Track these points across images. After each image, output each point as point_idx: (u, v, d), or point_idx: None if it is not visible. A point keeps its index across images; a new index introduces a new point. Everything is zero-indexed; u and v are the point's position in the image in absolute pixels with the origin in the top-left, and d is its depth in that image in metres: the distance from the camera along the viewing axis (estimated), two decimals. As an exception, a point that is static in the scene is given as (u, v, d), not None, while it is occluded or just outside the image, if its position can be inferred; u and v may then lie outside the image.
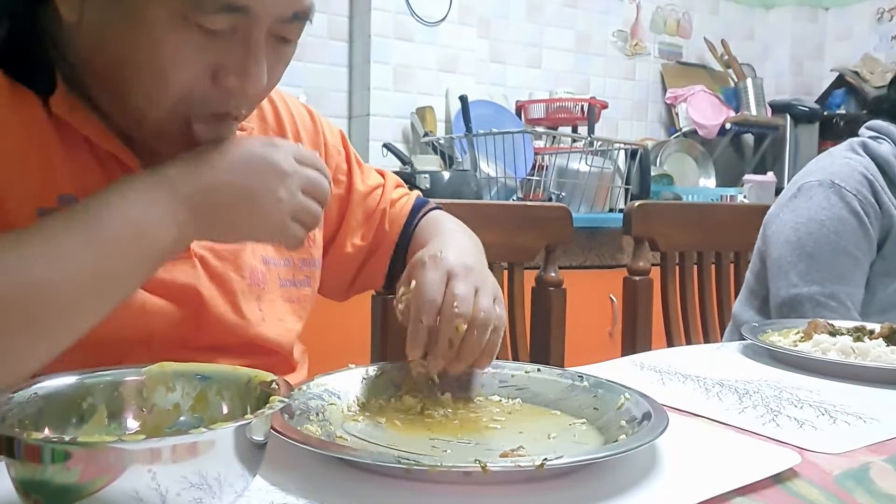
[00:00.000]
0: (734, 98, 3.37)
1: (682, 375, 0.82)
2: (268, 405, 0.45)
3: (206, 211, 0.64)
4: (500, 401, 0.70)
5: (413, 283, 0.70)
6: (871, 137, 1.34)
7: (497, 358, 0.71)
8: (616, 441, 0.57)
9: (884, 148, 1.31)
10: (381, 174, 1.00)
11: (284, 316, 0.84)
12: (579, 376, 0.69)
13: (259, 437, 0.44)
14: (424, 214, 0.97)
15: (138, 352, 0.68)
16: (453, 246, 0.78)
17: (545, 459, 0.48)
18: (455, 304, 0.67)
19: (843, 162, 1.30)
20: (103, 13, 0.64)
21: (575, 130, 2.84)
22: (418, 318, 0.67)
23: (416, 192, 1.03)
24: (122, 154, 0.71)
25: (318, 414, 0.62)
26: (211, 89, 0.65)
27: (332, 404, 0.65)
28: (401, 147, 2.51)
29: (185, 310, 0.73)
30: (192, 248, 0.75)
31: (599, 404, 0.65)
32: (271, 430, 0.51)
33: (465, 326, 0.66)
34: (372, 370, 0.71)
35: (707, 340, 1.50)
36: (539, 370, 0.72)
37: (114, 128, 0.71)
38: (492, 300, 0.70)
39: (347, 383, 0.69)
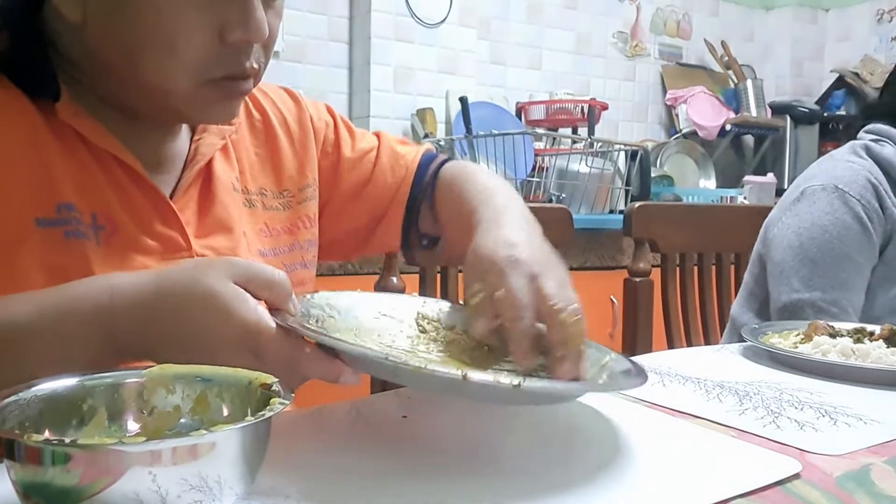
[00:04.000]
0: (734, 99, 3.38)
1: (682, 377, 0.82)
2: (268, 407, 0.45)
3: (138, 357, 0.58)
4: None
5: (499, 290, 0.65)
6: (872, 140, 1.34)
7: None
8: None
9: (887, 150, 1.30)
10: (377, 136, 0.98)
11: None
12: None
13: (260, 440, 0.44)
14: (439, 168, 0.93)
15: None
16: (515, 230, 0.74)
17: (522, 379, 0.49)
18: (552, 302, 0.64)
19: (847, 166, 1.29)
20: (104, 3, 0.66)
21: (575, 132, 2.84)
22: (518, 325, 0.62)
23: (425, 147, 0.99)
24: (124, 156, 0.71)
25: (317, 321, 0.64)
26: (221, 49, 0.67)
27: (331, 317, 0.66)
28: (401, 148, 2.50)
29: None
30: (193, 248, 0.75)
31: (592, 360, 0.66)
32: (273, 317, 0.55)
33: (569, 318, 0.64)
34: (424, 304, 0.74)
35: (708, 342, 1.50)
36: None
37: (118, 131, 0.71)
38: (568, 284, 0.69)
39: (351, 302, 0.70)
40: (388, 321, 0.71)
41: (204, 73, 0.68)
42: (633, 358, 0.69)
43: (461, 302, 0.73)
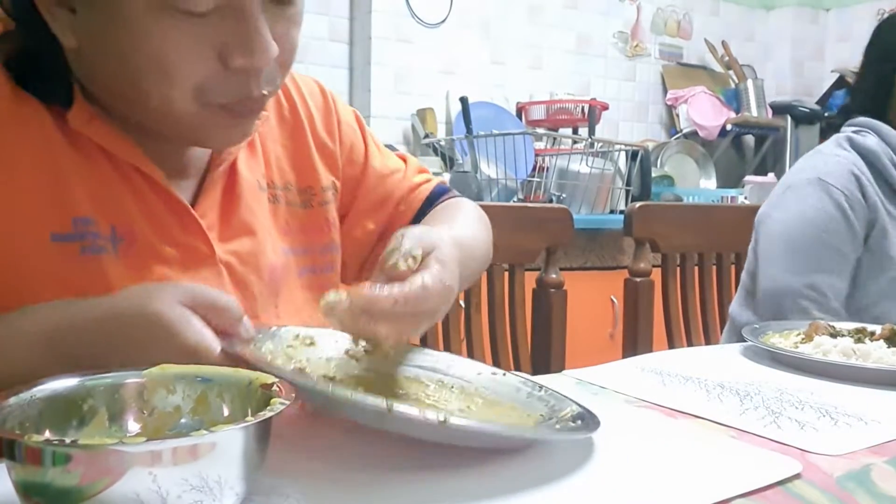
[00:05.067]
0: (735, 99, 3.38)
1: (682, 377, 0.82)
2: (269, 407, 0.45)
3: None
4: (455, 391, 0.69)
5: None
6: (854, 132, 1.36)
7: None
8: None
9: (869, 140, 1.33)
10: (403, 159, 0.97)
11: (303, 307, 0.82)
12: (539, 387, 0.68)
13: (260, 440, 0.44)
14: (443, 201, 0.93)
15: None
16: (447, 228, 0.74)
17: (448, 416, 0.48)
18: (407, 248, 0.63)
19: (831, 159, 1.33)
20: (95, 30, 0.62)
21: (575, 132, 2.84)
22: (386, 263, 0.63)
23: (439, 179, 0.99)
24: (145, 166, 0.69)
25: (270, 351, 0.63)
26: (225, 75, 0.62)
27: (290, 346, 0.66)
28: (401, 149, 2.51)
29: None
30: (217, 255, 0.73)
31: (546, 411, 0.64)
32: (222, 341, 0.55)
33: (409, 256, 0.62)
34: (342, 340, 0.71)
35: (708, 342, 1.50)
36: (504, 374, 0.71)
37: (136, 139, 0.69)
38: (444, 269, 0.65)
39: (321, 337, 0.69)
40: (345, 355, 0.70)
41: (208, 99, 0.64)
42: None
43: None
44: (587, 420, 0.58)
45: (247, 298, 0.75)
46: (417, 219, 0.92)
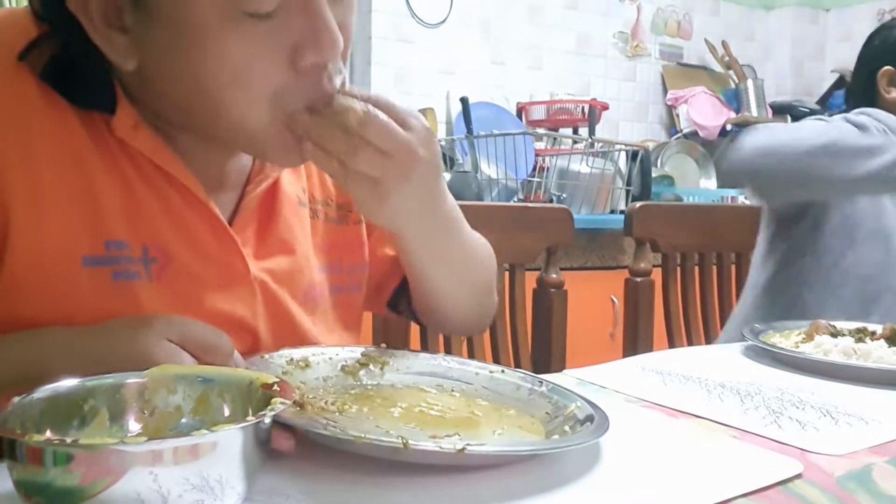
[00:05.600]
0: (735, 99, 3.37)
1: (683, 377, 0.82)
2: (269, 407, 0.45)
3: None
4: (457, 395, 0.69)
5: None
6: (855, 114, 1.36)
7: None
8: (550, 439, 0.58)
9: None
10: None
11: (334, 326, 0.80)
12: (539, 382, 0.68)
13: (261, 439, 0.44)
14: None
15: None
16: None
17: (467, 445, 0.48)
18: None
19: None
20: (158, 47, 0.59)
21: (576, 132, 2.84)
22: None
23: None
24: (186, 179, 0.66)
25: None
26: (297, 78, 0.60)
27: (286, 373, 0.66)
28: (401, 149, 2.50)
29: (240, 343, 0.67)
30: (252, 273, 0.70)
31: (551, 408, 0.64)
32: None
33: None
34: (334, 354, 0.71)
35: (708, 341, 1.50)
36: (503, 371, 0.71)
37: (178, 147, 0.66)
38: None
39: (314, 359, 0.69)
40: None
41: (284, 106, 0.60)
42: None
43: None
44: (598, 421, 0.58)
45: (280, 316, 0.73)
46: None
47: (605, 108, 2.84)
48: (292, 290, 0.74)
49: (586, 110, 2.77)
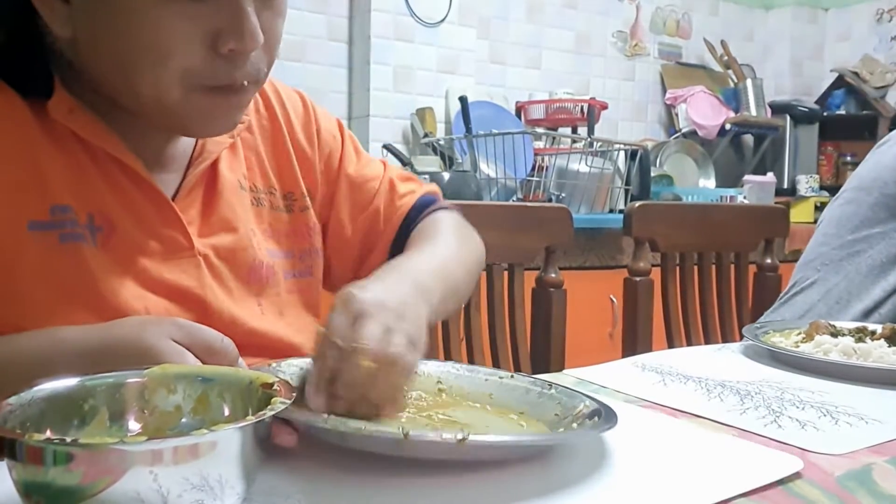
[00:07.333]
0: (734, 99, 3.37)
1: (683, 376, 0.82)
2: (269, 407, 0.45)
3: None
4: (468, 403, 0.68)
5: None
6: None
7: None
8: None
9: None
10: (383, 164, 0.97)
11: (285, 309, 0.83)
12: (549, 385, 0.68)
13: (261, 439, 0.44)
14: (428, 213, 0.93)
15: None
16: (397, 272, 0.70)
17: (467, 434, 0.48)
18: (353, 344, 0.56)
19: None
20: (91, 18, 0.64)
21: (575, 131, 2.84)
22: (321, 363, 0.57)
23: (425, 189, 0.97)
24: (123, 156, 0.70)
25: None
26: (214, 60, 0.65)
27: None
28: (401, 148, 2.51)
29: (187, 313, 0.72)
30: (196, 247, 0.74)
31: (560, 410, 0.64)
32: None
33: (369, 363, 0.56)
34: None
35: (708, 341, 1.50)
36: (512, 377, 0.70)
37: (118, 130, 0.70)
38: (404, 341, 0.59)
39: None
40: None
41: (194, 82, 0.66)
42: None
43: None
44: (604, 415, 0.58)
45: (225, 290, 0.76)
46: (402, 232, 0.91)
47: (605, 107, 2.84)
48: (235, 266, 0.78)
49: (585, 109, 2.77)
